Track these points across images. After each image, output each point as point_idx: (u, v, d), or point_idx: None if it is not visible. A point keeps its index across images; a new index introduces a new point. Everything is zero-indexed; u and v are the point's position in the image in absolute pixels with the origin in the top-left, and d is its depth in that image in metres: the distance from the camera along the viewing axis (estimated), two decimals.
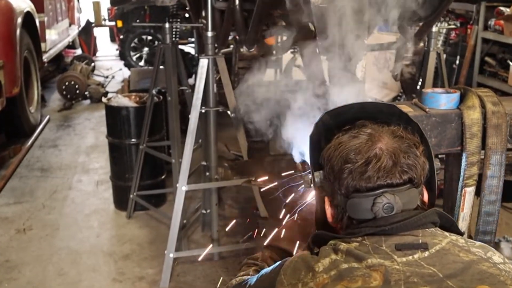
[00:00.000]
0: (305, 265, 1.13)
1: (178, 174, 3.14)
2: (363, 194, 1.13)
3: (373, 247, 1.10)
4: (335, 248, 1.13)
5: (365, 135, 1.16)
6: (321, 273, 1.09)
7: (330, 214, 1.23)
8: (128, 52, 8.97)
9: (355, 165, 1.12)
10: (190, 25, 4.40)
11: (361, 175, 1.12)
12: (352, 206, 1.14)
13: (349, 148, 1.14)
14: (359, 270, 1.06)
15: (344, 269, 1.07)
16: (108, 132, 4.02)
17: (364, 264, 1.07)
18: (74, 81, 7.11)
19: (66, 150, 5.45)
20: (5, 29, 4.80)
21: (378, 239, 1.11)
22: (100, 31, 11.64)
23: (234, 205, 4.06)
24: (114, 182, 4.10)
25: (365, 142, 1.14)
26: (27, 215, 4.00)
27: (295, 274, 1.14)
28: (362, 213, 1.14)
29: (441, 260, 1.06)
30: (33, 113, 5.85)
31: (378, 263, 1.06)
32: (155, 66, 3.66)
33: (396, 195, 1.11)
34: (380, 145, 1.13)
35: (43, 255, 3.44)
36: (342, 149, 1.15)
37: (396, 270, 1.05)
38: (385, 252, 1.08)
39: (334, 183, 1.17)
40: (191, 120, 3.00)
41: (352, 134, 1.17)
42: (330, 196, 1.21)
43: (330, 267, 1.09)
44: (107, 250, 3.50)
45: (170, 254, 3.08)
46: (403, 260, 1.07)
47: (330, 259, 1.10)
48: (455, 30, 6.03)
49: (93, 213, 4.04)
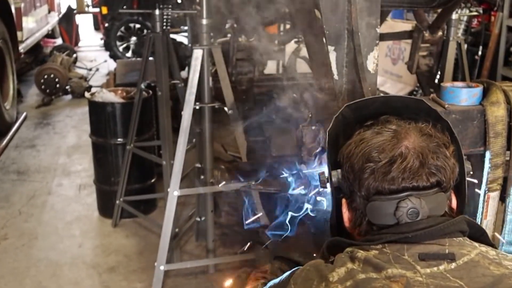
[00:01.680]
0: (318, 274, 1.12)
1: (169, 178, 3.14)
2: (385, 197, 1.11)
3: (394, 256, 1.08)
4: (352, 256, 1.12)
5: (390, 131, 1.14)
6: (335, 284, 1.08)
7: (347, 218, 1.23)
8: (114, 42, 8.98)
9: (378, 165, 1.11)
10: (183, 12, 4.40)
11: (384, 176, 1.10)
12: (372, 209, 1.13)
13: (372, 145, 1.13)
14: (377, 281, 1.05)
15: (361, 280, 1.06)
16: (92, 130, 4.02)
17: (383, 275, 1.06)
18: (53, 74, 7.11)
19: (45, 151, 5.45)
20: None
21: (400, 247, 1.09)
22: (82, 19, 11.65)
23: (232, 212, 4.06)
24: (98, 186, 4.11)
25: (390, 140, 1.13)
26: (2, 222, 4.00)
27: (306, 283, 1.13)
28: (384, 218, 1.13)
29: (469, 273, 1.05)
30: (8, 109, 5.86)
31: (399, 273, 1.05)
32: (144, 58, 3.66)
33: (422, 199, 1.10)
34: (406, 143, 1.11)
35: (19, 267, 3.44)
36: (364, 146, 1.14)
37: (418, 282, 1.04)
38: (408, 261, 1.07)
39: (354, 183, 1.15)
40: (184, 118, 3.00)
41: (375, 130, 1.16)
42: (348, 198, 1.20)
43: (346, 277, 1.08)
44: (91, 262, 3.50)
45: (160, 266, 3.08)
46: (427, 271, 1.06)
47: (346, 268, 1.09)
48: (478, 17, 6.03)
49: (75, 221, 4.04)
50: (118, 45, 9.03)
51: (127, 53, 9.03)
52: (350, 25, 1.44)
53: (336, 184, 1.22)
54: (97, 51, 10.21)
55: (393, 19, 6.35)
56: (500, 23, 5.74)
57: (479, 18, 6.06)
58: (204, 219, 3.45)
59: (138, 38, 8.92)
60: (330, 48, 1.46)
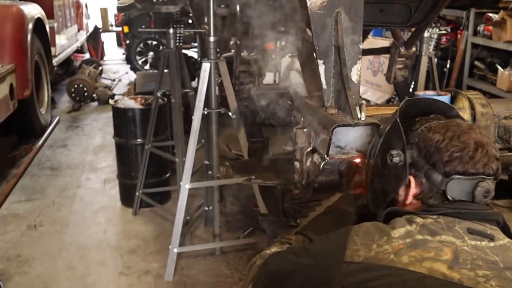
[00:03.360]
0: (378, 230, 1.15)
1: (181, 173, 3.14)
2: (466, 177, 1.14)
3: (447, 226, 1.12)
4: (411, 220, 1.15)
5: (464, 124, 1.19)
6: (396, 239, 1.11)
7: (412, 193, 1.23)
8: (134, 56, 8.96)
9: (465, 151, 1.13)
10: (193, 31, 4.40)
11: (470, 159, 1.13)
12: (453, 186, 1.15)
13: (458, 133, 1.16)
14: (432, 243, 1.09)
15: (419, 240, 1.09)
16: (115, 132, 4.02)
17: (437, 239, 1.09)
18: (82, 84, 7.11)
19: (75, 150, 5.45)
20: (17, 34, 4.80)
21: (452, 220, 1.13)
22: (107, 36, 11.64)
23: (235, 203, 4.06)
24: (120, 180, 4.11)
25: (468, 130, 1.16)
26: (37, 211, 4.00)
27: (368, 236, 1.15)
28: (461, 194, 1.15)
29: (503, 253, 1.09)
30: (43, 114, 5.86)
31: (450, 240, 1.09)
32: (160, 70, 3.66)
33: (492, 183, 1.15)
34: (480, 136, 1.16)
35: (53, 250, 3.44)
36: (451, 134, 1.16)
37: (465, 251, 1.07)
38: (458, 232, 1.11)
39: (437, 163, 1.16)
40: (194, 121, 3.00)
41: (451, 122, 1.20)
42: (419, 176, 1.20)
43: (405, 236, 1.11)
44: (114, 245, 3.50)
45: (174, 249, 3.09)
46: (472, 243, 1.09)
47: (406, 229, 1.12)
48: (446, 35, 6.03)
49: (100, 210, 4.04)
50: (137, 59, 9.01)
51: (145, 66, 9.01)
52: (337, 42, 1.44)
53: (409, 161, 1.21)
54: (120, 64, 10.20)
55: (374, 37, 6.34)
56: (465, 40, 5.75)
57: (447, 36, 6.06)
58: (211, 208, 3.45)
59: (155, 53, 8.91)
60: (320, 61, 1.46)
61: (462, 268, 1.04)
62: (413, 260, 1.06)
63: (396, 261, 1.07)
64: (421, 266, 1.05)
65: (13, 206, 4.09)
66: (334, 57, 1.46)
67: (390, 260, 1.08)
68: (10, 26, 4.75)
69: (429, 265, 1.05)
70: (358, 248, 1.13)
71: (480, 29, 5.59)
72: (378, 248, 1.11)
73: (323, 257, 1.18)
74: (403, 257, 1.07)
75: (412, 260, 1.06)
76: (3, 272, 3.15)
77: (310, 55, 1.65)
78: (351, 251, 1.13)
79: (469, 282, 1.02)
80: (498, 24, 5.24)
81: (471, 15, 5.64)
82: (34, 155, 5.17)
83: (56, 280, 3.09)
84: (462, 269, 1.04)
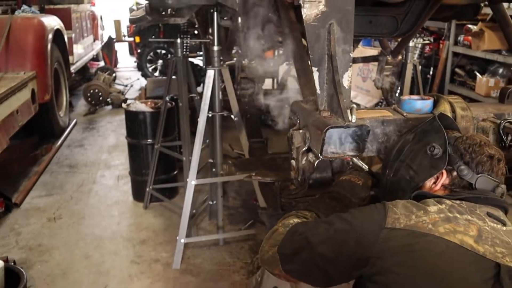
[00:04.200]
0: (414, 205, 1.20)
1: (188, 170, 3.14)
2: (490, 177, 1.26)
3: (469, 209, 1.19)
4: (440, 201, 1.21)
5: (486, 139, 1.36)
6: (432, 213, 1.16)
7: (441, 182, 1.30)
8: (145, 64, 8.96)
9: (493, 159, 1.27)
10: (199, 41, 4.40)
11: (496, 165, 1.27)
12: (481, 181, 1.26)
13: (487, 143, 1.30)
14: (461, 220, 1.15)
15: (451, 216, 1.16)
16: (127, 133, 4.02)
17: (464, 217, 1.16)
18: (97, 89, 7.11)
19: (90, 149, 5.45)
20: (38, 44, 4.80)
21: (473, 205, 1.21)
22: (120, 46, 11.64)
23: (237, 197, 4.06)
24: (132, 177, 4.11)
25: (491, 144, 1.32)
26: (57, 205, 4.00)
27: (407, 208, 1.18)
28: (486, 187, 1.26)
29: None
30: (62, 117, 5.86)
31: (474, 221, 1.16)
32: (168, 76, 3.66)
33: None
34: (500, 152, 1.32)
35: (71, 240, 3.44)
36: (482, 143, 1.29)
37: (486, 230, 1.14)
38: (480, 215, 1.18)
39: (471, 162, 1.27)
40: (200, 123, 3.00)
41: (479, 136, 1.34)
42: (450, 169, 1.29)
43: (439, 212, 1.17)
44: (126, 236, 3.51)
45: (181, 239, 3.09)
46: (491, 225, 1.17)
47: (438, 207, 1.18)
48: (429, 45, 6.03)
49: (114, 204, 4.04)
50: (148, 67, 9.00)
51: (155, 73, 9.00)
52: (330, 51, 1.44)
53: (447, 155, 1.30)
54: (132, 71, 10.20)
55: (363, 46, 6.34)
56: (447, 50, 5.75)
57: (431, 45, 6.06)
58: (215, 203, 3.45)
59: (164, 61, 8.90)
60: (314, 69, 1.46)
61: (484, 244, 1.11)
62: (448, 231, 1.12)
63: (434, 230, 1.12)
64: (455, 237, 1.11)
65: (34, 200, 4.10)
66: (327, 64, 1.46)
67: (428, 229, 1.12)
68: (32, 36, 4.76)
69: (460, 237, 1.11)
70: (399, 216, 1.16)
71: (460, 39, 5.60)
72: (417, 218, 1.15)
73: (359, 223, 1.19)
74: (440, 228, 1.13)
75: (447, 231, 1.12)
76: (25, 261, 3.15)
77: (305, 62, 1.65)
78: (392, 219, 1.16)
79: (490, 255, 1.09)
80: (476, 35, 5.24)
81: (452, 26, 5.64)
82: (54, 154, 5.17)
83: (73, 268, 3.09)
84: (484, 244, 1.11)
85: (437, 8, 2.57)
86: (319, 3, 1.40)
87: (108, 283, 2.94)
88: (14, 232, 3.55)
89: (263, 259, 1.35)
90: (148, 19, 3.63)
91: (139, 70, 9.25)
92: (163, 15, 2.93)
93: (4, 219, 3.73)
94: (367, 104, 6.41)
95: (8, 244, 3.37)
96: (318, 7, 1.40)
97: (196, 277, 2.98)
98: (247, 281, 2.87)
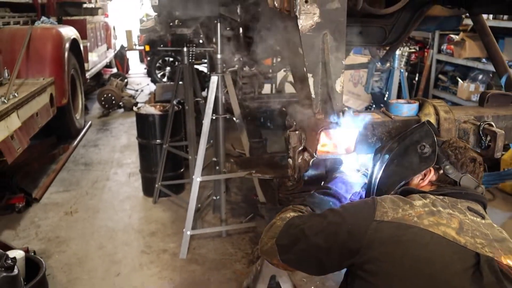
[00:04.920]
0: (401, 199, 1.20)
1: (194, 168, 3.15)
2: (472, 178, 1.29)
3: (451, 204, 1.20)
4: (424, 196, 1.21)
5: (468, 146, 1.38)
6: (418, 207, 1.17)
7: (429, 179, 1.32)
8: (154, 70, 8.96)
9: (475, 162, 1.30)
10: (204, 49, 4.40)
11: (478, 168, 1.31)
12: (464, 180, 1.28)
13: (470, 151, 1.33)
14: (443, 213, 1.16)
15: (434, 210, 1.16)
16: (138, 134, 4.02)
17: (446, 211, 1.17)
18: (111, 93, 7.11)
19: (104, 149, 5.45)
20: (56, 52, 4.80)
21: (455, 200, 1.22)
22: (131, 54, 11.64)
23: (239, 193, 4.06)
24: (142, 174, 4.10)
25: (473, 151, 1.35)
26: (73, 200, 4.00)
27: (394, 203, 1.19)
28: (468, 186, 1.29)
29: (491, 229, 1.17)
30: (78, 119, 5.85)
31: (456, 214, 1.17)
32: (176, 82, 3.66)
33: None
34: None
35: (86, 232, 3.44)
36: (467, 148, 1.33)
37: (466, 223, 1.15)
38: (461, 209, 1.19)
39: (456, 163, 1.30)
40: (204, 125, 3.01)
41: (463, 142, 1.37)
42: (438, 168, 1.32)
43: (423, 206, 1.17)
44: (137, 228, 3.51)
45: (187, 231, 3.09)
46: (471, 218, 1.17)
47: (423, 202, 1.19)
48: (415, 53, 6.03)
49: (126, 199, 4.04)
50: (157, 73, 9.00)
51: (163, 79, 9.00)
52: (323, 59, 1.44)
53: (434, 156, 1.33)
54: (142, 77, 10.20)
55: (354, 54, 6.34)
56: (431, 57, 5.75)
57: (416, 53, 6.06)
58: (218, 198, 3.45)
59: (171, 68, 8.90)
60: (309, 75, 1.46)
61: (465, 235, 1.12)
62: (432, 223, 1.13)
63: (419, 222, 1.13)
64: (438, 229, 1.12)
65: (53, 196, 4.10)
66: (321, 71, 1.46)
67: (414, 221, 1.13)
68: (50, 45, 4.75)
69: (443, 229, 1.12)
70: (387, 210, 1.16)
71: (443, 47, 5.60)
72: (404, 212, 1.15)
73: (350, 216, 1.19)
74: (424, 220, 1.13)
75: (431, 223, 1.13)
76: (44, 251, 3.15)
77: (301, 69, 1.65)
78: (381, 212, 1.16)
79: (470, 246, 1.10)
80: (458, 44, 5.25)
81: (436, 36, 5.65)
82: (70, 153, 5.17)
83: (89, 257, 3.10)
84: (465, 236, 1.12)
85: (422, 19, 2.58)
86: (314, 14, 1.40)
87: (120, 271, 2.94)
88: (34, 224, 3.55)
89: (262, 250, 1.35)
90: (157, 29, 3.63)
91: (148, 76, 9.25)
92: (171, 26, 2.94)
93: (25, 213, 3.73)
94: (358, 107, 6.41)
95: (29, 236, 3.37)
96: (313, 18, 1.41)
97: (201, 265, 2.98)
98: (247, 269, 2.87)
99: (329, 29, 1.42)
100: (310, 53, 1.43)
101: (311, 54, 1.43)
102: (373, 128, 1.53)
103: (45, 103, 4.32)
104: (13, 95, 3.47)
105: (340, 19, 1.42)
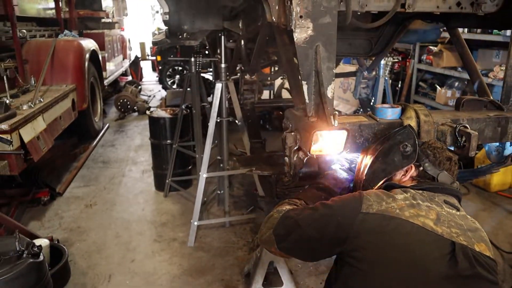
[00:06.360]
0: (385, 194, 1.21)
1: (200, 165, 3.14)
2: (449, 174, 1.30)
3: (429, 198, 1.21)
4: (405, 191, 1.23)
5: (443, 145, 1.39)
6: (399, 200, 1.18)
7: (410, 175, 1.33)
8: (165, 78, 8.96)
9: (452, 160, 1.31)
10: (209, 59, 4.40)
11: (454, 166, 1.32)
12: (442, 176, 1.29)
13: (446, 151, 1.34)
14: (422, 206, 1.17)
15: (414, 203, 1.17)
16: (151, 135, 4.02)
17: (425, 204, 1.18)
18: (126, 99, 7.11)
19: (120, 148, 5.45)
20: (77, 62, 4.81)
21: (432, 194, 1.23)
22: (145, 64, 11.64)
23: (240, 188, 4.06)
24: (154, 171, 4.10)
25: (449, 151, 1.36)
26: (93, 194, 4.00)
27: (378, 196, 1.19)
28: (445, 181, 1.29)
29: (465, 220, 1.19)
30: (97, 122, 5.85)
31: (433, 207, 1.18)
32: (184, 88, 3.66)
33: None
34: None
35: (104, 223, 3.44)
36: (443, 148, 1.34)
37: (443, 214, 1.16)
38: (438, 202, 1.20)
39: (434, 161, 1.31)
40: (210, 127, 3.00)
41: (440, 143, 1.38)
42: (419, 165, 1.32)
43: (404, 199, 1.18)
44: (150, 219, 3.51)
45: (195, 222, 3.09)
46: (447, 210, 1.19)
47: (404, 196, 1.20)
48: (398, 62, 6.03)
49: (140, 193, 4.04)
50: (167, 81, 9.00)
51: (173, 86, 9.00)
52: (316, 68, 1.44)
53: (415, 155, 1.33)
54: (154, 85, 10.20)
55: (344, 64, 6.34)
56: (412, 66, 5.75)
57: (399, 63, 6.05)
58: (222, 192, 3.45)
59: (180, 76, 8.90)
60: (303, 82, 1.46)
61: (442, 226, 1.13)
62: (412, 215, 1.14)
63: (401, 214, 1.14)
64: (418, 220, 1.13)
65: (74, 190, 4.10)
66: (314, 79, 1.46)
67: (396, 213, 1.14)
68: (72, 56, 4.76)
69: (422, 220, 1.13)
70: (372, 203, 1.16)
71: (423, 58, 5.60)
72: (387, 204, 1.16)
73: (339, 209, 1.19)
74: (405, 212, 1.14)
75: (411, 215, 1.14)
76: (67, 239, 3.15)
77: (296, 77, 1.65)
78: (366, 205, 1.16)
79: (447, 235, 1.11)
80: (437, 54, 5.25)
81: (416, 47, 5.65)
82: (90, 152, 5.17)
83: (106, 245, 3.10)
84: (442, 226, 1.13)
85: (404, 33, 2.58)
86: (307, 28, 1.40)
87: (134, 258, 2.94)
88: (57, 216, 3.55)
89: (261, 239, 1.35)
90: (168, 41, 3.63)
91: (160, 83, 9.25)
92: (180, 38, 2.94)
93: (50, 206, 3.73)
94: (347, 111, 6.41)
95: (53, 226, 3.37)
96: (307, 31, 1.41)
97: (207, 253, 2.98)
98: (248, 256, 2.86)
99: (321, 41, 1.42)
100: (305, 63, 1.44)
101: (305, 63, 1.44)
102: (361, 129, 1.53)
103: (68, 107, 4.32)
104: (39, 100, 3.48)
105: (331, 33, 1.42)
